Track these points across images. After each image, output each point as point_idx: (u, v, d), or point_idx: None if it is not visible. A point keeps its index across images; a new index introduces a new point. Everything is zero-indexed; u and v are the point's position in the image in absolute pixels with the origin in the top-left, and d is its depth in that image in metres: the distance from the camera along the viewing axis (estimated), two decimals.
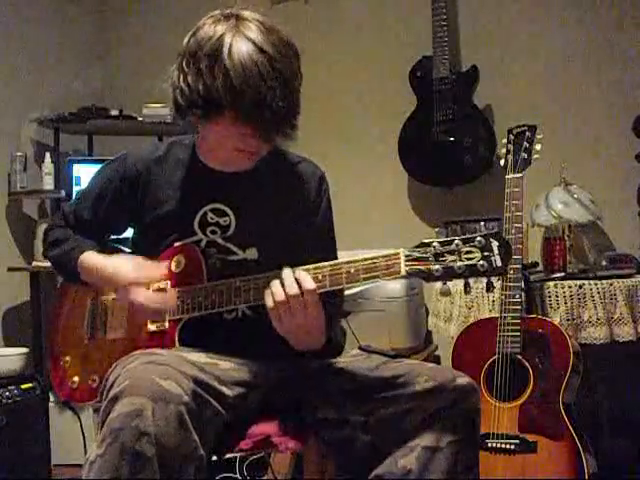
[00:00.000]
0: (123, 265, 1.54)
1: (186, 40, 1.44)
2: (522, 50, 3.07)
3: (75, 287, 1.70)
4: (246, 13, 1.43)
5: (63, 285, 1.77)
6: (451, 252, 1.24)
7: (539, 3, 3.06)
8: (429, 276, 1.25)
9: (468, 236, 1.25)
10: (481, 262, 1.23)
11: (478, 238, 1.24)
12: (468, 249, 1.24)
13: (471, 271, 1.24)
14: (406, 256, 1.27)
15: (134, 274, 1.51)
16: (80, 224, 1.68)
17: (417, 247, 1.27)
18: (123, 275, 1.52)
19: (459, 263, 1.24)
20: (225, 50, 1.36)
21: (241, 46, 1.36)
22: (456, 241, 1.24)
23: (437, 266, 1.25)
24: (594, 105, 2.95)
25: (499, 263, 1.22)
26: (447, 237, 1.27)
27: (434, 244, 1.25)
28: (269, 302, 1.36)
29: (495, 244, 1.23)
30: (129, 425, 1.19)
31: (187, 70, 1.40)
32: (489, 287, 2.53)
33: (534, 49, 3.05)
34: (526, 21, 3.07)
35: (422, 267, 1.25)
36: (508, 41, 3.09)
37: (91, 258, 1.59)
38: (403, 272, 1.26)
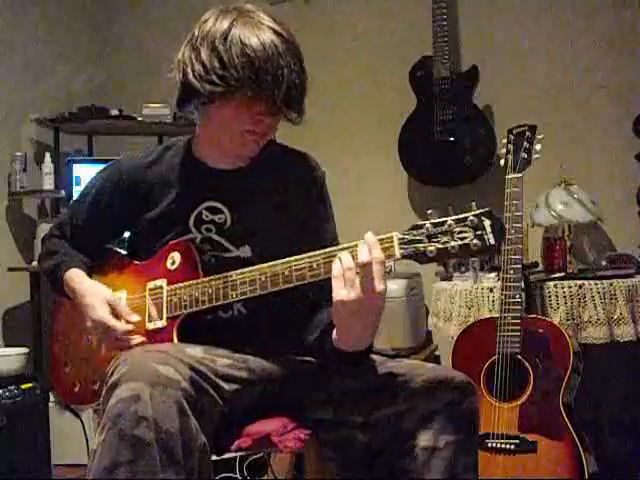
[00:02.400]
0: (97, 303, 1.52)
1: (194, 29, 1.47)
2: (522, 50, 3.07)
3: None
4: (250, 6, 1.48)
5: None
6: (444, 233, 1.24)
7: (539, 3, 3.06)
8: (423, 257, 1.25)
9: (460, 216, 1.25)
10: (474, 241, 1.23)
11: (470, 217, 1.24)
12: (461, 229, 1.24)
13: (465, 250, 1.23)
14: (400, 239, 1.27)
15: (100, 315, 1.50)
16: (75, 232, 1.68)
17: (410, 229, 1.27)
18: (95, 311, 1.51)
19: (452, 243, 1.24)
20: (240, 31, 1.41)
21: (256, 28, 1.42)
22: (448, 221, 1.24)
23: (431, 247, 1.25)
24: (594, 105, 2.95)
25: (492, 241, 1.22)
26: (440, 219, 1.27)
27: (427, 226, 1.26)
28: (336, 267, 1.28)
29: (487, 222, 1.23)
30: (128, 410, 1.19)
31: (200, 49, 1.43)
32: (483, 267, 2.54)
33: (534, 49, 3.05)
34: (526, 21, 3.07)
35: (416, 249, 1.26)
36: (508, 41, 3.09)
37: (75, 278, 1.59)
38: (397, 255, 1.26)
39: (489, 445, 2.14)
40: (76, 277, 1.59)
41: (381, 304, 1.28)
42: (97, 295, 1.53)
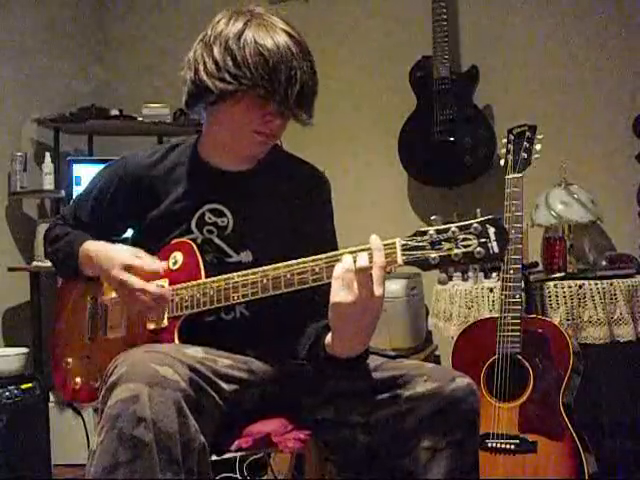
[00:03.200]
0: (123, 250, 1.52)
1: (207, 30, 1.47)
2: (522, 50, 3.07)
3: (75, 288, 1.69)
4: (261, 9, 1.48)
5: (63, 287, 1.77)
6: (447, 240, 1.23)
7: (539, 3, 3.06)
8: (426, 264, 1.24)
9: (464, 223, 1.23)
10: (478, 249, 1.21)
11: (474, 225, 1.22)
12: (464, 236, 1.22)
13: (468, 258, 1.22)
14: (402, 245, 1.26)
15: (131, 258, 1.49)
16: (79, 227, 1.68)
17: (413, 236, 1.26)
18: (121, 255, 1.50)
19: (456, 250, 1.22)
20: (255, 32, 1.42)
21: (270, 29, 1.42)
22: (452, 228, 1.23)
23: (434, 254, 1.23)
24: (594, 105, 2.95)
25: (496, 249, 1.21)
26: (443, 225, 1.26)
27: (430, 232, 1.24)
28: (336, 268, 1.27)
29: (492, 230, 1.22)
30: (126, 411, 1.19)
31: (213, 47, 1.43)
32: (487, 274, 2.54)
33: (534, 49, 3.05)
34: (526, 21, 3.07)
35: (419, 256, 1.24)
36: (508, 41, 3.09)
37: (91, 245, 1.58)
38: (400, 261, 1.25)
39: (489, 445, 2.14)
40: (95, 244, 1.58)
41: (378, 308, 1.27)
42: (122, 246, 1.53)
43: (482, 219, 1.23)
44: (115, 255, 1.50)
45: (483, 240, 1.22)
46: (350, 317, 1.27)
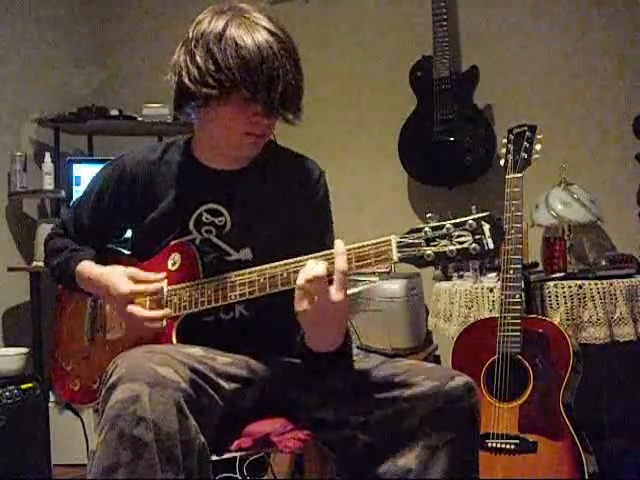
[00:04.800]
0: (118, 277, 1.52)
1: (189, 31, 1.47)
2: (522, 50, 3.07)
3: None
4: (245, 6, 1.48)
5: (63, 288, 1.77)
6: (442, 236, 1.24)
7: (539, 3, 3.06)
8: (421, 261, 1.26)
9: (459, 220, 1.25)
10: (473, 245, 1.23)
11: (469, 221, 1.24)
12: (459, 233, 1.24)
13: (463, 254, 1.24)
14: (397, 242, 1.27)
15: (129, 287, 1.49)
16: (79, 230, 1.68)
17: (408, 233, 1.27)
18: (118, 287, 1.50)
19: (451, 247, 1.24)
20: (235, 32, 1.41)
21: (250, 28, 1.41)
22: (447, 225, 1.24)
23: (429, 251, 1.25)
24: (594, 105, 2.95)
25: (491, 245, 1.22)
26: (439, 222, 1.27)
27: (425, 229, 1.26)
28: (299, 279, 1.31)
29: (486, 227, 1.23)
30: (127, 411, 1.19)
31: (195, 51, 1.43)
32: (482, 271, 2.54)
33: (534, 49, 3.05)
34: (526, 21, 3.07)
35: (414, 252, 1.26)
36: (508, 41, 3.09)
37: (87, 268, 1.59)
38: (395, 258, 1.27)
39: (489, 445, 2.14)
40: (90, 266, 1.59)
41: (341, 312, 1.32)
42: (116, 272, 1.53)
43: (477, 216, 1.24)
44: (114, 286, 1.50)
45: (478, 236, 1.23)
46: (313, 323, 1.33)
